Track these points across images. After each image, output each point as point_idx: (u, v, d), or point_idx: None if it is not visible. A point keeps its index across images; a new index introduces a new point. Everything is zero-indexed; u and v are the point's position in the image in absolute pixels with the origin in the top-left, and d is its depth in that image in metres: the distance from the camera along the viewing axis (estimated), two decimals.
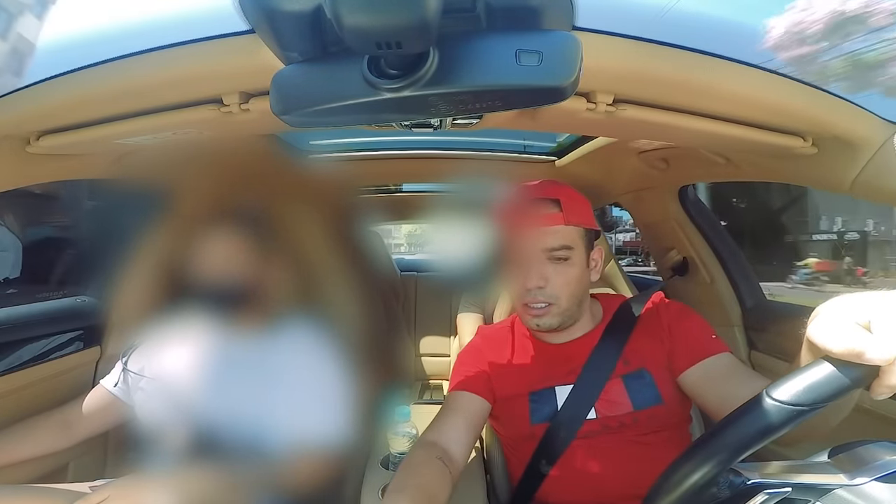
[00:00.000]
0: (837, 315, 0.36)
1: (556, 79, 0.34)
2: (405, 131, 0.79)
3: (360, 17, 0.29)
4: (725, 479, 0.38)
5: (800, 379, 0.35)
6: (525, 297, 0.74)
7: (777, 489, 0.37)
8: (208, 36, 0.49)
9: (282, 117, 0.38)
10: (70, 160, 0.74)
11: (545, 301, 0.73)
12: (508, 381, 0.79)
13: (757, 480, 0.38)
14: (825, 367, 0.34)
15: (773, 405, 0.35)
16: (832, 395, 0.34)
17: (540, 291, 0.73)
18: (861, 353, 0.32)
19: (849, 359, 0.33)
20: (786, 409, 0.34)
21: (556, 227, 0.73)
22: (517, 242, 0.74)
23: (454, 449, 0.69)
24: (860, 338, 0.33)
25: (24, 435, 0.79)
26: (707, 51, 0.54)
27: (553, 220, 0.73)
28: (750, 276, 1.26)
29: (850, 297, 0.36)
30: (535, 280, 0.72)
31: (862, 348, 0.32)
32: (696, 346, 0.72)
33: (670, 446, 0.70)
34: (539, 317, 0.74)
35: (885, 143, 0.64)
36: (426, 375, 2.00)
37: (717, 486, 0.38)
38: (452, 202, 1.79)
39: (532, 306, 0.74)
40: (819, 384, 0.34)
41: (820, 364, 0.35)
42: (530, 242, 0.73)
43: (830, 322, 0.35)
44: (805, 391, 0.34)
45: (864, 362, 0.33)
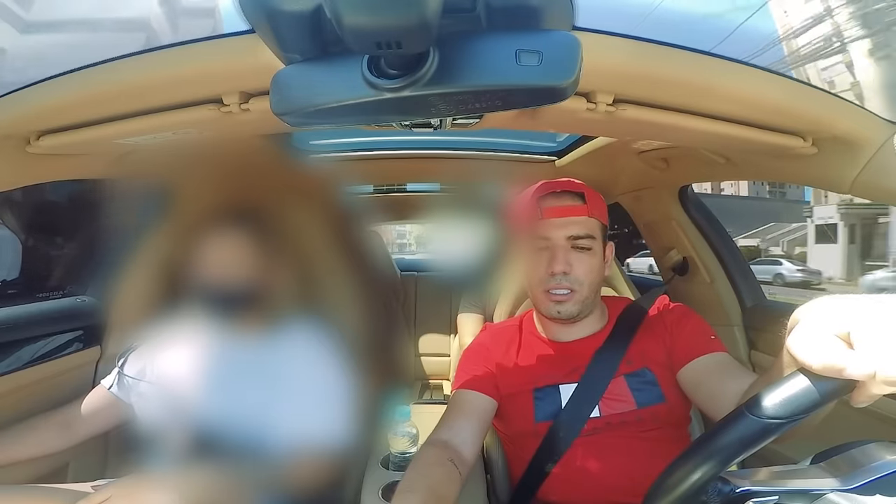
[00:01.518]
0: (816, 326, 0.34)
1: (556, 79, 0.34)
2: (405, 131, 0.79)
3: (360, 17, 0.29)
4: (714, 487, 0.38)
5: (777, 393, 0.34)
6: (548, 283, 0.76)
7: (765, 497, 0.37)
8: (208, 36, 0.49)
9: (282, 117, 0.38)
10: (70, 160, 0.74)
11: (569, 287, 0.76)
12: (513, 378, 0.80)
13: (746, 488, 0.38)
14: (802, 381, 0.34)
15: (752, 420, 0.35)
16: (810, 407, 0.33)
17: (564, 277, 0.75)
18: (841, 370, 0.31)
19: (828, 374, 0.32)
20: (763, 423, 0.34)
21: (582, 217, 0.77)
22: (543, 230, 0.77)
23: (465, 449, 0.70)
24: (839, 354, 0.32)
25: (24, 435, 0.79)
26: (707, 51, 0.54)
27: (579, 210, 0.77)
28: (750, 276, 1.26)
29: (828, 303, 0.35)
30: (561, 265, 0.75)
31: (842, 364, 0.31)
32: (693, 344, 0.74)
33: (671, 443, 0.72)
34: (562, 303, 0.76)
35: (885, 143, 0.64)
36: (426, 375, 2.00)
37: (707, 494, 0.38)
38: (452, 202, 1.79)
39: (555, 292, 0.76)
40: (796, 397, 0.34)
41: (797, 377, 0.34)
42: (557, 230, 0.76)
43: (809, 335, 0.34)
44: (783, 405, 0.34)
45: (843, 377, 0.31)
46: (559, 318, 0.78)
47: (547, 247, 0.77)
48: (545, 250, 0.77)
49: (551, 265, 0.75)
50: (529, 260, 0.79)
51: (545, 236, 0.77)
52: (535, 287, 0.79)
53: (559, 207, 0.77)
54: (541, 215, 0.77)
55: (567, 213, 0.77)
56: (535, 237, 0.78)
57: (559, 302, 0.76)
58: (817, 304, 0.36)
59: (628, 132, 0.86)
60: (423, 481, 0.60)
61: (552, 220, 0.76)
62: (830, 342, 0.33)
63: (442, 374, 1.98)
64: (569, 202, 0.77)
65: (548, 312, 0.79)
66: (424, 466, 0.64)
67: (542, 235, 0.77)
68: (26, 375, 0.87)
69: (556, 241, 0.76)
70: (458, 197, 1.73)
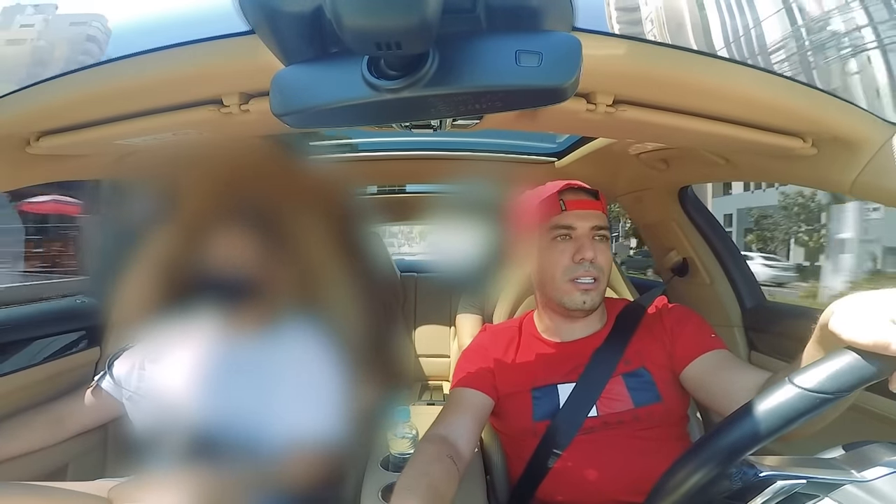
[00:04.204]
0: (863, 309, 0.37)
1: (556, 79, 0.34)
2: (405, 132, 0.80)
3: (360, 17, 0.29)
4: (739, 469, 0.38)
5: (824, 367, 0.35)
6: (576, 272, 0.78)
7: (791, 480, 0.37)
8: (208, 36, 0.49)
9: (282, 118, 0.38)
10: (70, 160, 0.73)
11: (595, 274, 0.78)
12: (512, 377, 0.80)
13: (769, 473, 0.38)
14: (849, 357, 0.35)
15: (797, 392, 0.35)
16: (855, 383, 0.35)
17: (592, 265, 0.78)
18: (888, 345, 0.33)
19: (876, 350, 0.34)
20: (810, 397, 0.35)
21: (599, 211, 0.82)
22: (568, 220, 0.80)
23: (462, 445, 0.71)
24: (888, 330, 0.34)
25: (16, 430, 0.79)
26: (707, 51, 0.54)
27: (596, 205, 0.82)
28: (750, 276, 1.26)
29: (872, 293, 0.38)
30: (590, 252, 0.77)
31: (889, 340, 0.33)
32: (695, 343, 0.74)
33: (668, 442, 0.72)
34: (588, 291, 0.78)
35: (885, 143, 0.64)
36: (426, 376, 2.00)
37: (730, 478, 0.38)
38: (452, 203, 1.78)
39: (582, 281, 0.78)
40: (842, 373, 0.35)
41: (844, 354, 0.36)
42: (582, 221, 0.80)
43: (856, 315, 0.37)
44: (829, 379, 0.35)
45: (890, 353, 0.34)
46: (583, 308, 0.79)
47: (571, 237, 0.79)
48: (569, 241, 0.79)
49: (580, 252, 0.78)
50: (549, 253, 0.80)
51: (570, 226, 0.80)
52: (558, 278, 0.80)
53: (581, 201, 0.81)
54: (564, 207, 0.80)
55: (588, 206, 0.81)
56: (556, 228, 0.80)
57: (586, 290, 0.78)
58: (857, 294, 0.39)
59: (628, 133, 0.86)
60: (423, 479, 0.61)
61: (577, 211, 0.80)
62: (878, 321, 0.35)
63: (441, 374, 1.98)
64: (587, 197, 0.82)
65: (573, 303, 0.79)
66: (423, 464, 0.64)
67: (567, 225, 0.80)
68: (26, 376, 0.87)
69: (580, 230, 0.79)
70: (458, 198, 1.72)
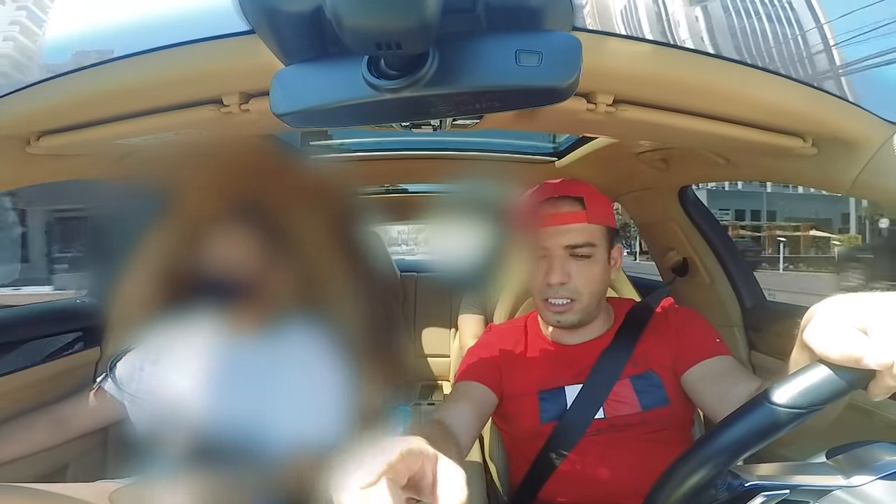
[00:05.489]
0: (834, 319, 0.35)
1: (556, 79, 0.34)
2: (405, 131, 0.79)
3: (359, 17, 0.29)
4: (724, 481, 0.38)
5: (796, 382, 0.35)
6: (546, 293, 0.75)
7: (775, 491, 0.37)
8: (208, 36, 0.49)
9: (282, 117, 0.38)
10: (70, 160, 0.73)
11: (567, 297, 0.74)
12: (518, 378, 0.79)
13: (755, 482, 0.38)
14: (822, 371, 0.34)
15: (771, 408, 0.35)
16: (829, 397, 0.34)
17: (562, 287, 0.74)
18: (859, 359, 0.32)
19: (847, 364, 0.33)
20: (783, 412, 0.34)
21: (580, 224, 0.74)
22: (540, 239, 0.75)
23: (461, 434, 0.68)
24: (858, 343, 0.33)
25: (17, 432, 0.79)
26: (706, 51, 0.54)
27: (577, 217, 0.74)
28: (750, 276, 1.26)
29: (846, 299, 0.36)
30: (557, 276, 0.73)
31: (860, 353, 0.32)
32: (699, 347, 0.73)
33: (674, 445, 0.71)
34: (561, 313, 0.75)
35: (885, 143, 0.64)
36: (426, 376, 2.00)
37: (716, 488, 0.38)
38: (452, 202, 1.79)
39: (553, 302, 0.75)
40: (816, 387, 0.34)
41: (816, 367, 0.35)
42: (554, 239, 0.74)
43: (827, 326, 0.35)
44: (802, 394, 0.34)
45: (861, 367, 0.32)
46: (560, 326, 0.78)
47: (545, 255, 0.75)
48: (543, 259, 0.75)
49: (548, 276, 0.74)
50: (531, 267, 0.78)
51: (543, 245, 0.75)
52: (535, 295, 0.79)
53: (556, 215, 0.75)
54: (538, 223, 0.75)
55: (564, 220, 0.74)
56: (534, 245, 0.77)
57: (559, 312, 0.75)
58: (834, 300, 0.37)
59: (628, 133, 0.86)
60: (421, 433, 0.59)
61: (548, 228, 0.75)
62: (848, 333, 0.34)
63: (442, 375, 1.98)
64: (566, 209, 0.75)
65: (548, 321, 0.79)
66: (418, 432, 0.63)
67: (540, 244, 0.75)
68: (26, 376, 0.87)
69: (552, 250, 0.74)
70: (458, 197, 1.73)
